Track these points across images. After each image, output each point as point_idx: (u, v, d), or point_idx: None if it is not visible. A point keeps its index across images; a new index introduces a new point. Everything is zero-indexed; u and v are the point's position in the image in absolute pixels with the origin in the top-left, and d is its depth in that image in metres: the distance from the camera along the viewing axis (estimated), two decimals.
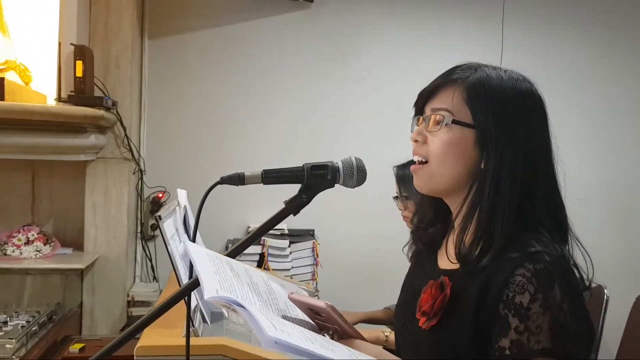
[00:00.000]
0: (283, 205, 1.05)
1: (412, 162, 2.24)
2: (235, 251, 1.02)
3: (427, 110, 1.15)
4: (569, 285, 0.98)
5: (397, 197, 2.35)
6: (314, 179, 1.04)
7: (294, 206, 1.03)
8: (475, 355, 1.01)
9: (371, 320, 2.53)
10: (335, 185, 1.07)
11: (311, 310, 1.11)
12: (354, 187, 1.07)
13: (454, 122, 1.08)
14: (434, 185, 1.12)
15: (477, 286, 1.02)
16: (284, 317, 1.04)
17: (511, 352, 0.95)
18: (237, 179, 1.03)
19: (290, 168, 1.05)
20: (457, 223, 1.11)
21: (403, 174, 2.28)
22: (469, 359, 1.02)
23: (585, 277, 1.05)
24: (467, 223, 1.07)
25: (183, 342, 1.33)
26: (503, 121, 1.05)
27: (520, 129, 1.05)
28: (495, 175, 1.04)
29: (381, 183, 3.55)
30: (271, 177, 1.04)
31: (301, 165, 1.05)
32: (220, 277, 0.91)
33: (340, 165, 1.06)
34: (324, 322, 1.11)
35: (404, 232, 2.43)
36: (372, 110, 3.62)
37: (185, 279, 1.58)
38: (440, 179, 1.10)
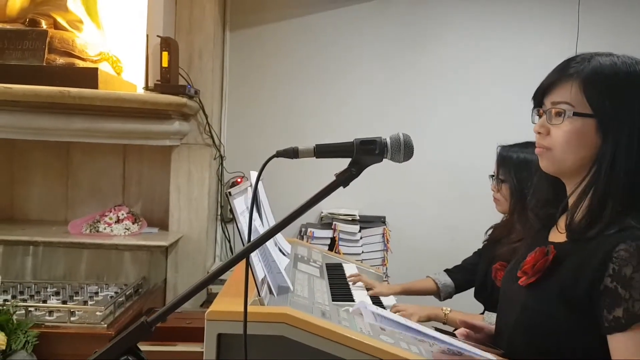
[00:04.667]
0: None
1: (518, 145, 2.21)
2: (289, 219, 1.09)
3: (547, 103, 1.22)
4: None
5: (493, 176, 2.25)
6: (363, 153, 1.10)
7: (343, 179, 1.10)
8: (561, 317, 1.11)
9: (409, 291, 2.51)
10: (384, 160, 1.11)
11: None
12: (401, 162, 1.11)
13: (575, 114, 1.15)
14: (559, 167, 1.21)
15: (579, 257, 1.11)
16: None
17: (625, 320, 1.03)
18: (292, 153, 1.10)
19: (341, 143, 1.11)
20: (571, 200, 1.20)
21: (506, 155, 2.18)
22: (555, 319, 1.12)
23: None
24: (581, 200, 1.16)
25: (250, 309, 1.43)
26: (619, 106, 1.13)
27: (635, 112, 1.12)
28: (612, 158, 1.12)
29: (458, 172, 3.58)
30: (323, 151, 1.11)
31: (351, 140, 1.11)
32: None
33: (388, 140, 1.11)
34: None
35: (480, 223, 2.46)
36: (448, 99, 3.62)
37: (252, 253, 1.68)
38: (564, 162, 1.19)
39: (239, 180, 3.53)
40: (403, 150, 1.10)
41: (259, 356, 1.51)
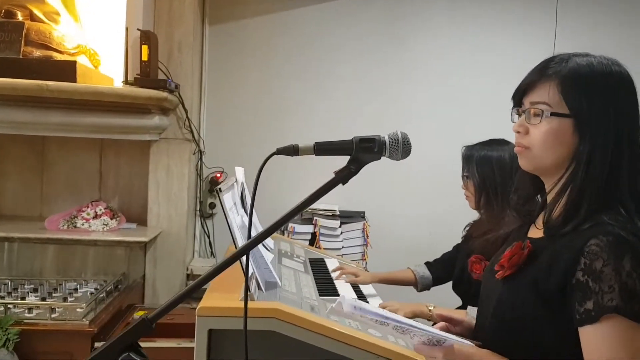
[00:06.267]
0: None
1: (480, 143, 2.28)
2: (287, 217, 1.10)
3: (526, 103, 1.24)
4: None
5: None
6: (362, 151, 1.11)
7: (342, 176, 1.11)
8: (534, 309, 1.14)
9: (389, 281, 2.58)
10: (382, 157, 1.13)
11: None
12: (399, 160, 1.13)
13: (553, 114, 1.18)
14: (537, 166, 1.24)
15: (553, 251, 1.14)
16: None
17: (595, 312, 1.06)
18: (292, 150, 1.11)
19: (340, 141, 1.12)
20: (549, 198, 1.23)
21: (469, 154, 2.31)
22: (528, 311, 1.15)
23: None
24: (559, 198, 1.18)
25: (240, 304, 1.43)
26: (595, 106, 1.15)
27: (611, 112, 1.15)
28: (588, 157, 1.15)
29: (436, 168, 3.62)
30: (322, 149, 1.12)
31: (350, 138, 1.12)
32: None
33: (386, 138, 1.12)
34: None
35: (457, 217, 2.50)
36: (430, 94, 3.65)
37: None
38: (542, 161, 1.21)
39: (218, 175, 3.51)
40: (401, 148, 1.12)
41: (250, 351, 1.52)
